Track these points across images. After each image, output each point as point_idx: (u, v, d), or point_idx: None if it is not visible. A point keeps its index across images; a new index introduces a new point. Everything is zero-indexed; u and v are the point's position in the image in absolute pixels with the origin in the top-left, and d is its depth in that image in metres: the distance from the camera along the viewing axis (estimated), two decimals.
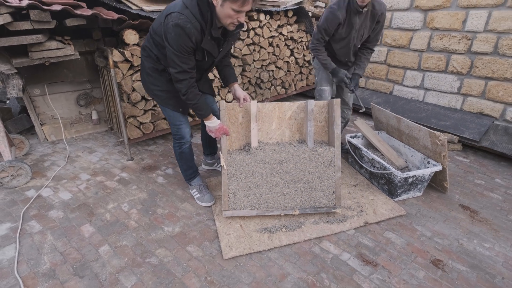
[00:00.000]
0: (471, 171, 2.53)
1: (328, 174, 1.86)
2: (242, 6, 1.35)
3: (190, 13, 1.39)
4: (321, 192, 1.87)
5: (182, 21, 1.38)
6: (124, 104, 2.52)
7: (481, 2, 2.74)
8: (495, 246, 1.73)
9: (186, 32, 1.39)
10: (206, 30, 1.46)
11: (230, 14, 1.38)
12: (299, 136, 1.96)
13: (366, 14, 2.07)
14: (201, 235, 1.79)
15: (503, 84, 2.77)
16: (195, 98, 1.60)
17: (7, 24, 1.75)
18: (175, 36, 1.41)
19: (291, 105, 1.91)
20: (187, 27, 1.39)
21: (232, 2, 1.33)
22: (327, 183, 1.87)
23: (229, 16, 1.39)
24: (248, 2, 1.35)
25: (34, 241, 1.73)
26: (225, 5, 1.35)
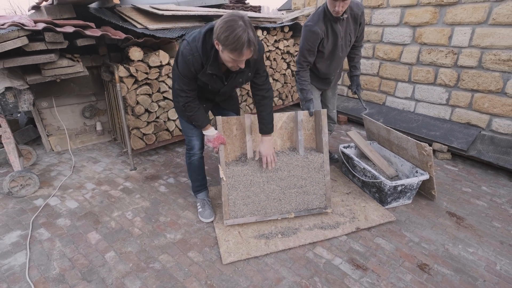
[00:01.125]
0: (459, 179, 2.65)
1: (319, 178, 2.03)
2: (238, 57, 1.40)
3: (195, 47, 1.50)
4: (313, 195, 2.04)
5: (187, 51, 1.52)
6: (128, 117, 2.65)
7: (465, 19, 2.91)
8: (478, 250, 1.83)
9: (187, 62, 1.53)
10: (206, 64, 1.54)
11: (229, 60, 1.45)
12: (290, 144, 2.11)
13: (347, 20, 2.05)
14: (202, 241, 1.89)
15: (488, 96, 2.92)
16: (192, 110, 1.72)
17: (24, 45, 1.89)
18: (180, 61, 1.57)
19: (281, 115, 2.05)
20: (188, 58, 1.52)
21: (230, 52, 1.38)
22: (318, 186, 2.04)
23: (229, 61, 1.46)
24: (244, 54, 1.38)
25: (44, 248, 1.83)
26: (224, 52, 1.41)
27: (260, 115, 1.85)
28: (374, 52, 3.82)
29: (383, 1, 3.54)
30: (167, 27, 2.76)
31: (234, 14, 1.36)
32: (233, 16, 1.35)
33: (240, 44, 1.33)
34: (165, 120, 2.92)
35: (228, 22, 1.33)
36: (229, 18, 1.34)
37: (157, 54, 2.63)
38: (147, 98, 2.70)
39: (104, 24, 2.68)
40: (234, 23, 1.32)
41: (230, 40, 1.33)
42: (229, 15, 1.36)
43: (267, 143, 1.88)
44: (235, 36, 1.31)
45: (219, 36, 1.36)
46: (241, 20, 1.34)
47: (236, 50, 1.36)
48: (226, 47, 1.37)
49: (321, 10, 2.05)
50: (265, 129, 1.86)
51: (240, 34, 1.32)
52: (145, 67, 2.59)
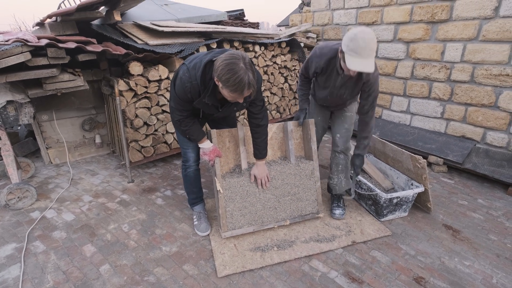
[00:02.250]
0: (455, 192, 2.66)
1: (310, 185, 2.11)
2: (238, 96, 1.44)
3: (194, 75, 1.53)
4: (306, 201, 2.11)
5: (185, 77, 1.56)
6: (127, 129, 2.68)
7: (456, 36, 3.00)
8: (474, 264, 1.83)
9: (184, 88, 1.57)
10: (203, 93, 1.55)
11: (228, 96, 1.47)
12: (280, 154, 2.17)
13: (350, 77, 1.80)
14: (197, 254, 1.88)
15: (481, 110, 2.97)
16: (187, 125, 1.76)
17: (27, 60, 1.95)
18: (178, 85, 1.61)
19: (270, 126, 2.11)
20: (186, 85, 1.56)
21: (230, 91, 1.40)
22: (309, 192, 2.11)
23: (228, 97, 1.48)
24: (244, 94, 1.42)
25: (38, 261, 1.82)
26: (224, 89, 1.42)
27: (254, 141, 1.91)
28: None
29: (377, 18, 3.66)
30: (166, 43, 2.84)
31: (235, 56, 1.38)
32: (234, 58, 1.37)
33: (241, 86, 1.37)
34: (163, 133, 2.96)
35: (229, 64, 1.35)
36: (231, 60, 1.36)
37: (157, 69, 2.70)
38: (146, 111, 2.74)
39: (106, 40, 2.76)
40: (236, 66, 1.35)
41: (231, 82, 1.36)
42: (230, 56, 1.38)
43: (261, 167, 1.95)
44: (236, 79, 1.35)
45: (220, 77, 1.38)
46: (242, 62, 1.37)
47: (237, 91, 1.39)
48: (227, 87, 1.39)
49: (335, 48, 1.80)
50: (259, 154, 1.92)
51: (242, 77, 1.35)
52: (144, 81, 2.65)
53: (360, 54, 1.54)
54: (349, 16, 3.98)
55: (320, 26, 4.40)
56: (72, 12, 2.23)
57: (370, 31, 1.55)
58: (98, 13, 2.48)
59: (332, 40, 4.30)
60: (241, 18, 4.81)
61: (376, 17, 3.66)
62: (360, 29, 1.56)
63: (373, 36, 1.53)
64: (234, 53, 1.41)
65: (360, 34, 1.51)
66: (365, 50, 1.52)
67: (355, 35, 1.53)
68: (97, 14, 2.47)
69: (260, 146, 1.90)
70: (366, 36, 1.51)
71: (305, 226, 2.11)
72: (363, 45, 1.51)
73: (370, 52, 1.54)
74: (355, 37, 1.52)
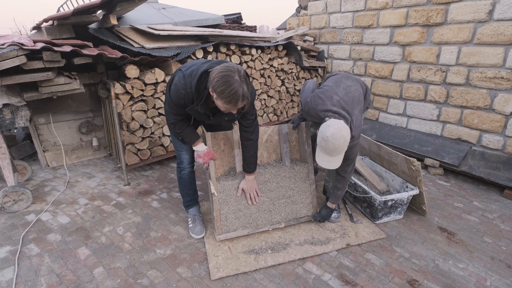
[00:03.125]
0: (451, 195, 2.66)
1: (305, 188, 2.11)
2: (232, 108, 1.47)
3: (190, 83, 1.56)
4: (301, 204, 2.12)
5: (180, 84, 1.58)
6: (123, 132, 2.69)
7: (451, 39, 3.02)
8: (469, 266, 1.82)
9: (178, 94, 1.59)
10: (195, 102, 1.57)
11: (222, 107, 1.49)
12: (275, 157, 2.17)
13: None
14: (191, 257, 1.88)
15: (477, 112, 2.98)
16: (181, 128, 1.77)
17: (22, 64, 1.96)
18: (172, 90, 1.63)
19: (266, 129, 2.12)
20: (180, 92, 1.58)
21: (224, 102, 1.43)
22: (304, 195, 2.12)
23: (222, 107, 1.50)
24: (238, 106, 1.46)
25: (32, 264, 1.82)
26: (219, 100, 1.45)
27: (243, 155, 1.91)
28: (366, 70, 3.92)
29: (373, 22, 3.68)
30: (163, 46, 2.86)
31: (230, 69, 1.41)
32: (229, 71, 1.40)
33: (236, 98, 1.40)
34: (160, 135, 2.97)
35: (225, 76, 1.38)
36: (226, 72, 1.39)
37: (153, 72, 2.71)
38: (142, 114, 2.76)
39: (103, 44, 2.78)
40: (231, 78, 1.38)
41: (225, 94, 1.39)
42: (226, 69, 1.41)
43: (249, 182, 1.96)
44: (231, 91, 1.38)
45: (216, 88, 1.41)
46: (237, 74, 1.40)
47: (231, 103, 1.43)
48: (221, 99, 1.42)
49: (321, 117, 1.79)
50: (247, 168, 1.93)
51: (236, 89, 1.38)
52: (140, 84, 2.66)
53: (329, 154, 1.64)
54: (345, 19, 4.00)
55: (317, 30, 4.43)
56: (68, 16, 2.25)
57: (341, 135, 1.58)
58: (95, 17, 2.50)
59: (328, 43, 4.33)
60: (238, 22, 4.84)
61: (372, 21, 3.68)
62: (333, 132, 1.59)
63: (343, 141, 1.59)
64: (229, 66, 1.44)
65: (331, 138, 1.58)
66: (333, 152, 1.62)
67: (327, 138, 1.59)
68: (94, 18, 2.49)
69: (248, 161, 1.90)
70: (336, 141, 1.58)
71: (300, 229, 2.11)
72: (332, 148, 1.60)
73: (338, 153, 1.63)
74: (327, 139, 1.59)
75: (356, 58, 4.02)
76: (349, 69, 4.14)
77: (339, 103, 1.74)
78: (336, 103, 1.74)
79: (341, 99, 1.76)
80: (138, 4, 2.68)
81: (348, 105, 1.75)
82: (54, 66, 2.14)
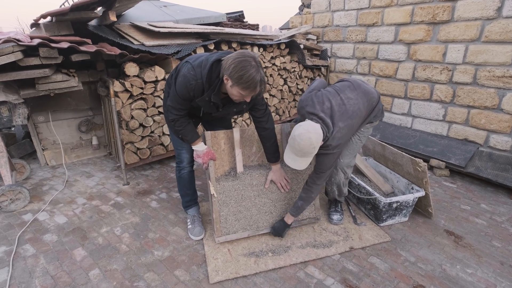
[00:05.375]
0: (457, 197, 2.59)
1: None
2: (249, 94, 1.47)
3: (200, 73, 1.52)
4: None
5: (190, 76, 1.53)
6: (122, 131, 2.65)
7: (458, 37, 2.94)
8: (477, 271, 1.75)
9: (188, 86, 1.54)
10: (206, 92, 1.55)
11: (237, 95, 1.48)
12: None
13: None
14: (190, 259, 1.83)
15: (484, 112, 2.90)
16: (181, 125, 1.71)
17: (18, 60, 1.92)
18: (180, 82, 1.58)
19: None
20: (191, 83, 1.53)
21: (242, 89, 1.42)
22: None
23: (236, 95, 1.50)
24: (255, 92, 1.46)
25: (27, 265, 1.78)
26: (234, 88, 1.44)
27: (264, 146, 1.92)
28: (370, 69, 3.85)
29: (377, 20, 3.61)
30: (163, 44, 2.82)
31: (246, 55, 1.41)
32: (246, 56, 1.40)
33: (254, 84, 1.40)
34: (159, 134, 2.92)
35: (242, 62, 1.38)
36: (243, 58, 1.39)
37: (153, 70, 2.67)
38: (142, 113, 2.71)
39: (102, 41, 2.73)
40: (248, 63, 1.38)
41: (244, 79, 1.38)
42: (242, 55, 1.41)
43: (277, 172, 1.95)
44: (249, 76, 1.38)
45: (232, 75, 1.40)
46: (253, 60, 1.40)
47: (249, 88, 1.42)
48: (238, 85, 1.41)
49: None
50: (272, 158, 1.92)
51: (254, 75, 1.38)
52: (140, 82, 2.62)
53: (295, 153, 1.63)
54: (349, 17, 3.93)
55: (320, 28, 4.37)
56: (66, 12, 2.20)
57: (308, 137, 1.56)
58: (93, 13, 2.46)
59: (332, 41, 4.26)
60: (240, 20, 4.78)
61: (376, 18, 3.61)
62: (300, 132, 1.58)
63: (308, 144, 1.56)
64: (244, 52, 1.44)
65: (297, 137, 1.58)
66: (298, 152, 1.61)
67: (295, 136, 1.59)
68: (92, 14, 2.45)
69: (271, 150, 1.90)
70: (302, 142, 1.57)
71: (302, 231, 2.06)
72: (297, 148, 1.59)
73: (303, 154, 1.61)
74: (294, 138, 1.60)
75: (360, 56, 3.95)
76: (353, 68, 4.08)
77: (329, 111, 1.69)
78: (326, 110, 1.69)
79: (332, 107, 1.70)
80: (138, 0, 2.63)
81: (336, 115, 1.69)
82: (51, 63, 2.10)
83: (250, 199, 1.93)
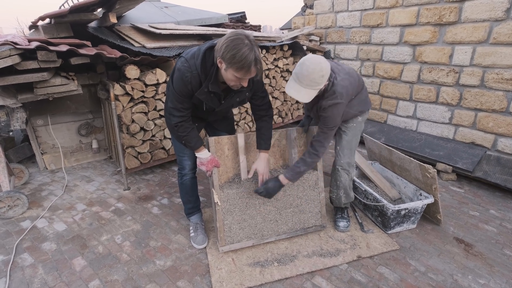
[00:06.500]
0: (465, 202, 2.53)
1: (314, 196, 1.99)
2: (244, 75, 1.37)
3: (194, 64, 1.45)
4: (309, 214, 2.00)
5: (184, 68, 1.46)
6: (123, 135, 2.59)
7: (465, 38, 2.88)
8: (490, 282, 1.70)
9: (184, 79, 1.47)
10: (204, 83, 1.48)
11: (233, 79, 1.40)
12: (282, 162, 2.04)
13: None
14: (193, 269, 1.77)
15: (492, 115, 2.85)
16: (185, 131, 1.65)
17: (15, 64, 1.87)
18: (176, 78, 1.51)
19: (273, 133, 1.99)
20: (186, 75, 1.46)
21: (235, 70, 1.35)
22: (313, 204, 2.00)
23: (232, 80, 1.42)
24: (251, 72, 1.37)
25: (25, 275, 1.72)
26: (229, 71, 1.37)
27: (259, 130, 1.83)
28: (374, 71, 3.80)
29: (382, 21, 3.55)
30: (165, 46, 2.76)
31: (239, 33, 1.34)
32: (238, 35, 1.33)
33: (248, 62, 1.31)
34: (161, 138, 2.87)
35: (234, 40, 1.31)
36: (235, 36, 1.32)
37: (154, 72, 2.61)
38: (143, 117, 2.65)
39: (102, 43, 2.68)
40: (241, 41, 1.30)
41: (237, 59, 1.30)
42: (234, 34, 1.33)
43: (264, 161, 1.84)
44: (242, 55, 1.29)
45: (224, 55, 1.32)
46: (247, 39, 1.32)
47: (243, 69, 1.33)
48: (232, 66, 1.34)
49: None
50: (265, 145, 1.82)
51: (247, 53, 1.30)
52: (141, 85, 2.56)
53: (300, 81, 1.54)
54: (353, 18, 3.88)
55: (323, 29, 4.31)
56: (65, 14, 2.15)
57: (318, 62, 1.50)
58: (93, 15, 2.40)
59: (335, 43, 4.20)
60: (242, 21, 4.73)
61: (381, 20, 3.55)
62: (311, 57, 1.54)
63: (318, 68, 1.49)
64: (237, 31, 1.35)
65: (307, 61, 1.51)
66: (304, 78, 1.52)
67: (304, 61, 1.53)
68: (92, 16, 2.39)
69: (265, 135, 1.80)
70: (311, 65, 1.49)
71: (308, 239, 2.00)
72: (305, 73, 1.51)
73: (309, 82, 1.52)
74: (303, 62, 1.53)
75: (364, 58, 3.89)
76: (357, 70, 4.02)
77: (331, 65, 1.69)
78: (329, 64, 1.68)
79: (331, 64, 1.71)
80: (139, 2, 2.58)
81: (335, 68, 1.69)
82: (50, 67, 2.04)
83: (254, 207, 1.88)
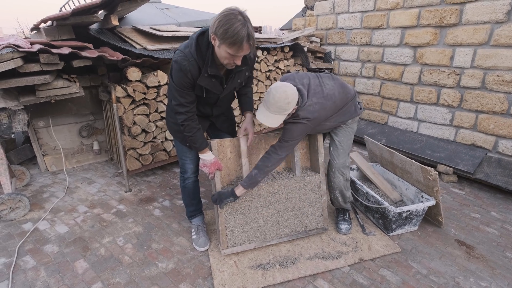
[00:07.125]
0: (466, 204, 2.53)
1: (316, 199, 1.99)
2: (237, 51, 1.36)
3: (189, 52, 1.46)
4: (311, 216, 2.01)
5: (180, 58, 1.46)
6: (124, 137, 2.59)
7: (466, 40, 2.89)
8: (492, 285, 1.70)
9: (182, 69, 1.47)
10: (203, 68, 1.48)
11: (226, 56, 1.40)
12: (285, 165, 2.05)
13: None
14: (195, 272, 1.78)
15: (493, 117, 2.85)
16: (191, 131, 1.64)
17: (18, 67, 1.87)
18: (175, 71, 1.51)
19: (275, 136, 1.99)
20: (183, 64, 1.46)
21: (228, 46, 1.34)
22: (315, 207, 2.00)
23: (226, 57, 1.41)
24: (243, 49, 1.36)
25: (27, 278, 1.72)
26: (222, 47, 1.37)
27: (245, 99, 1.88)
28: (375, 72, 3.80)
29: (383, 22, 3.56)
30: (166, 48, 2.76)
31: (233, 9, 1.33)
32: (231, 10, 1.32)
33: (240, 38, 1.30)
34: (162, 140, 2.87)
35: (227, 16, 1.30)
36: (228, 12, 1.32)
37: (155, 74, 2.61)
38: (144, 118, 2.65)
39: (104, 45, 2.68)
40: (234, 17, 1.30)
41: (229, 34, 1.30)
42: (227, 10, 1.33)
43: (251, 121, 1.87)
44: (234, 30, 1.29)
45: (217, 30, 1.32)
46: (240, 15, 1.32)
47: (235, 44, 1.33)
48: (224, 41, 1.33)
49: None
50: (248, 108, 1.87)
51: (240, 28, 1.29)
52: (143, 87, 2.56)
53: (268, 108, 1.60)
54: (353, 20, 3.88)
55: (324, 30, 4.31)
56: (67, 16, 2.15)
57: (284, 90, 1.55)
58: (95, 17, 2.40)
59: (336, 44, 4.21)
60: None
61: (382, 21, 3.56)
62: (278, 85, 1.59)
63: (284, 96, 1.54)
64: (231, 7, 1.36)
65: (273, 90, 1.56)
66: (272, 106, 1.57)
67: (271, 89, 1.58)
68: (94, 18, 2.39)
69: (250, 98, 1.88)
70: (277, 94, 1.55)
71: (309, 241, 2.00)
72: (272, 101, 1.56)
73: (276, 109, 1.58)
74: (270, 91, 1.58)
75: (364, 59, 3.90)
76: (357, 71, 4.02)
77: (306, 86, 1.71)
78: (304, 84, 1.71)
79: (310, 85, 1.73)
80: (140, 4, 2.58)
81: (311, 91, 1.70)
82: (52, 69, 2.05)
83: (257, 210, 1.88)
